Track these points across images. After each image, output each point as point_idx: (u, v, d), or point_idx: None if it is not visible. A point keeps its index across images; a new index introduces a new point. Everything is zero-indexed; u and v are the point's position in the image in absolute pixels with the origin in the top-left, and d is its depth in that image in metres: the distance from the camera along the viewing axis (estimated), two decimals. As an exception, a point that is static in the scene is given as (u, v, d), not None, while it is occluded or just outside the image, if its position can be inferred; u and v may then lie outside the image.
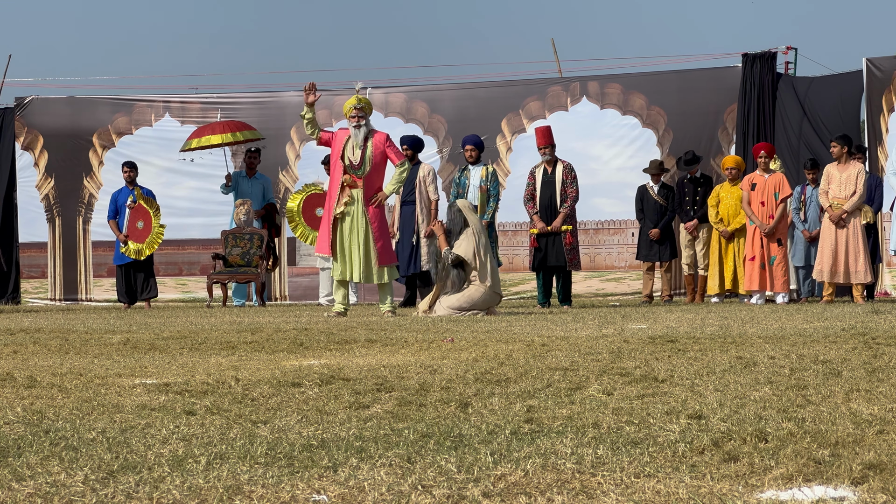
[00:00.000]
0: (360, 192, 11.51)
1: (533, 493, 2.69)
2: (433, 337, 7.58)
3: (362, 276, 11.53)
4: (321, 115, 17.27)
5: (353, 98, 11.62)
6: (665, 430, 3.46)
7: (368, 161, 11.49)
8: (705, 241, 14.71)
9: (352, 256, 11.53)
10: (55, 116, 17.89)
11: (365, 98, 11.70)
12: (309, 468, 2.98)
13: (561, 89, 16.82)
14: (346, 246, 11.55)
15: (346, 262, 11.56)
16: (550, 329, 8.35)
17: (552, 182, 13.85)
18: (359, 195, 11.52)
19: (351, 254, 11.54)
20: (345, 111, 11.63)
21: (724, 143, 16.18)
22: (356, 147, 11.46)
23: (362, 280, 11.59)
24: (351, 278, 11.60)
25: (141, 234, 15.66)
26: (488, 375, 5.04)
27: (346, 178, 11.48)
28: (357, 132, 11.48)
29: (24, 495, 2.71)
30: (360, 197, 11.53)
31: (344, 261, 11.56)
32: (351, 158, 11.47)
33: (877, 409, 3.83)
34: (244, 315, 12.09)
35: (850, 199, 13.39)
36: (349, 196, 11.50)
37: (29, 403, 4.38)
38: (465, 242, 11.17)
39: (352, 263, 11.53)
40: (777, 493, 2.65)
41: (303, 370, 5.42)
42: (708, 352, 6.07)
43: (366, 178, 11.51)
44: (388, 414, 3.96)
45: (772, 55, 16.01)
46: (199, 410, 4.11)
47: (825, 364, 5.30)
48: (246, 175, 16.10)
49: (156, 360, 6.18)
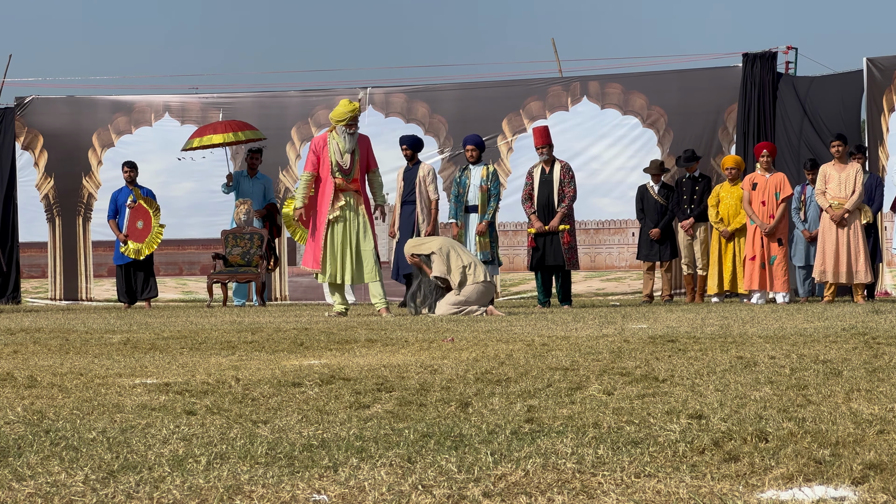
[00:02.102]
0: (352, 194, 11.60)
1: (533, 493, 2.68)
2: (433, 337, 7.58)
3: (353, 278, 11.63)
4: (321, 115, 17.29)
5: (354, 105, 11.65)
6: (665, 429, 3.46)
7: (357, 164, 11.64)
8: (704, 241, 14.71)
9: (343, 259, 11.61)
10: (55, 116, 17.89)
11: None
12: (309, 468, 2.98)
13: (561, 89, 16.82)
14: (336, 249, 11.62)
15: (336, 264, 11.62)
16: (551, 329, 8.35)
17: (550, 182, 13.85)
18: (352, 198, 11.60)
19: (343, 256, 11.61)
20: (341, 116, 11.60)
21: (724, 142, 16.17)
22: (344, 152, 11.53)
23: (353, 282, 11.70)
24: (342, 280, 11.67)
25: (141, 233, 15.66)
26: (489, 375, 5.04)
27: (339, 182, 11.54)
28: (351, 138, 11.57)
29: (24, 495, 2.71)
30: (354, 199, 11.61)
31: (335, 263, 11.62)
32: (340, 163, 11.55)
33: (877, 409, 3.83)
34: (244, 315, 12.10)
35: (850, 199, 13.38)
36: (344, 200, 11.57)
37: (29, 403, 4.38)
38: (437, 264, 11.34)
39: (343, 266, 11.61)
40: (777, 492, 2.64)
41: (303, 370, 5.42)
42: (708, 351, 6.07)
43: (358, 181, 11.65)
44: (389, 414, 3.96)
45: (772, 55, 16.00)
46: (200, 410, 4.11)
47: (826, 364, 5.30)
48: (247, 175, 16.10)
49: (156, 360, 6.18)
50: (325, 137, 11.70)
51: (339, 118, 11.61)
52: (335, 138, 11.63)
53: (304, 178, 11.73)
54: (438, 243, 11.52)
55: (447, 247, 11.44)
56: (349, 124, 11.57)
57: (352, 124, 11.58)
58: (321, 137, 11.76)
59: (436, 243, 11.53)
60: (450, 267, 11.32)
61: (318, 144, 11.69)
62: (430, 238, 11.79)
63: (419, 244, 11.65)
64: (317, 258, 11.66)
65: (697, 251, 14.75)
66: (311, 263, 11.76)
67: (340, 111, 11.62)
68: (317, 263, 11.66)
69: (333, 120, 11.70)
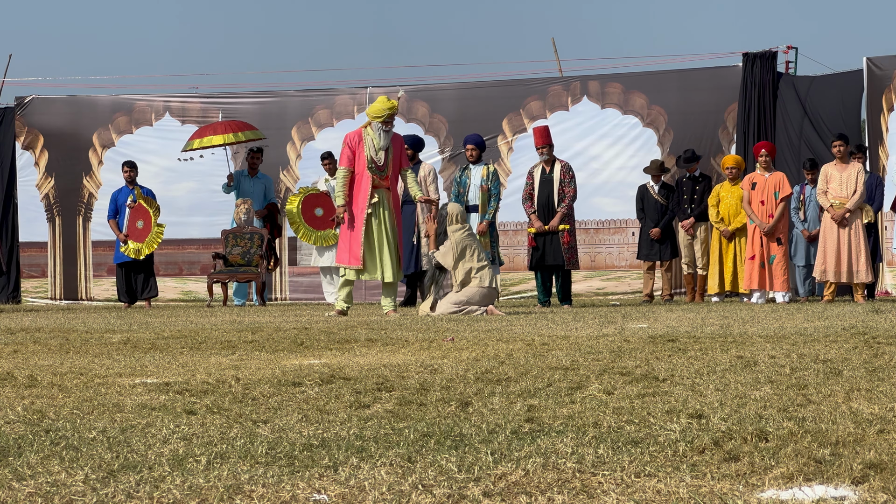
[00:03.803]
0: (385, 192, 11.51)
1: (533, 493, 2.68)
2: (434, 336, 7.58)
3: (394, 276, 11.47)
4: (322, 115, 17.29)
5: (392, 102, 11.46)
6: (665, 429, 3.46)
7: (391, 162, 11.49)
8: (704, 241, 14.71)
9: (382, 257, 11.43)
10: (55, 116, 17.90)
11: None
12: (309, 467, 2.98)
13: (561, 89, 16.82)
14: (375, 247, 11.44)
15: (376, 263, 11.45)
16: (551, 328, 8.35)
17: (550, 181, 13.85)
18: (385, 195, 11.51)
19: (382, 254, 11.43)
20: (379, 113, 11.39)
21: (724, 142, 16.17)
22: (379, 149, 11.44)
23: (395, 279, 11.52)
24: (383, 279, 11.48)
25: (141, 233, 15.67)
26: (489, 375, 5.04)
27: (374, 178, 11.43)
28: (386, 135, 11.41)
29: (24, 494, 2.71)
30: (386, 197, 11.50)
31: (374, 262, 11.46)
32: (375, 160, 11.42)
33: (877, 409, 3.83)
34: (244, 314, 12.10)
35: (851, 198, 13.38)
36: (377, 197, 11.45)
37: (29, 403, 4.38)
38: (445, 252, 11.25)
39: (383, 264, 11.44)
40: (778, 492, 2.64)
41: (303, 369, 5.42)
42: (708, 351, 6.07)
43: (390, 178, 11.52)
44: (389, 413, 3.96)
45: (772, 54, 16.00)
46: (200, 410, 4.11)
47: (826, 363, 5.30)
48: (248, 174, 16.11)
49: (156, 360, 6.18)
50: (360, 133, 11.50)
51: (376, 114, 11.41)
52: (370, 134, 11.44)
53: (341, 174, 11.46)
54: (462, 235, 11.37)
55: (466, 243, 11.29)
56: (386, 121, 11.40)
57: (388, 121, 11.40)
58: (356, 133, 11.55)
59: (460, 234, 11.37)
60: (457, 263, 11.23)
61: (353, 140, 11.48)
62: (464, 226, 11.48)
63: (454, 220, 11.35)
64: (355, 254, 11.38)
65: (697, 251, 14.75)
66: (347, 260, 11.46)
67: (378, 108, 11.43)
68: (355, 259, 11.38)
69: (370, 115, 11.49)
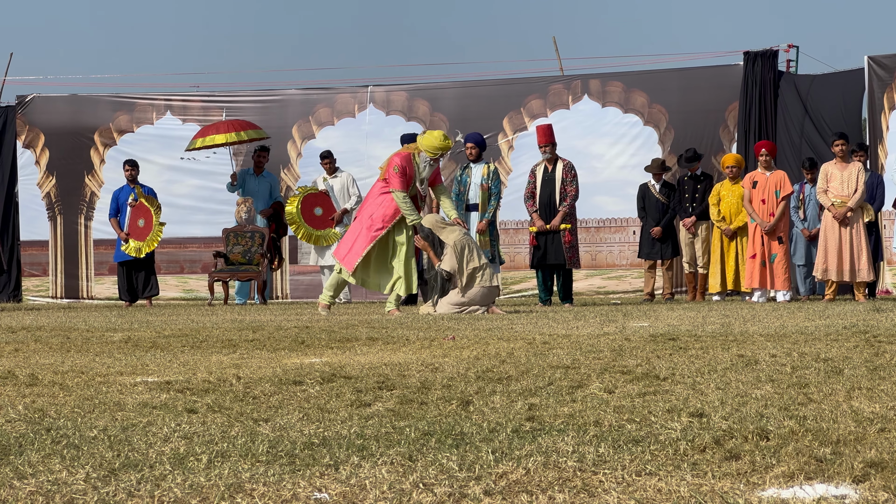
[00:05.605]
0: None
1: (534, 492, 2.69)
2: (434, 335, 7.58)
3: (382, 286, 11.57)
4: (323, 113, 17.30)
5: (449, 143, 11.43)
6: (666, 428, 3.46)
7: (421, 192, 11.66)
8: (705, 240, 14.71)
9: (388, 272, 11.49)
10: (56, 114, 17.90)
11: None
12: (310, 466, 2.98)
13: (562, 87, 16.82)
14: (387, 260, 11.50)
15: (379, 275, 11.52)
16: (552, 327, 8.35)
17: (552, 180, 13.85)
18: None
19: (389, 270, 11.48)
20: (433, 150, 11.36)
21: (725, 141, 16.17)
22: (422, 180, 11.52)
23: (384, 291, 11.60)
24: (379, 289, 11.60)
25: (142, 232, 15.67)
26: (490, 373, 5.04)
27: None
28: (430, 168, 11.47)
29: (25, 493, 2.71)
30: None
31: (378, 273, 11.51)
32: (420, 189, 11.56)
33: (878, 408, 3.83)
34: (245, 313, 12.10)
35: (852, 197, 13.38)
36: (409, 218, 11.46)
37: (30, 401, 4.38)
38: (449, 257, 11.27)
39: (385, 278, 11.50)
40: (778, 491, 2.64)
41: (304, 368, 5.43)
42: (709, 350, 6.07)
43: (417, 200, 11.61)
44: (390, 412, 3.96)
45: (773, 53, 16.00)
46: (201, 408, 4.11)
47: (827, 362, 5.30)
48: (253, 173, 16.12)
49: (157, 359, 6.18)
50: (409, 158, 11.44)
51: (429, 150, 11.38)
52: (417, 162, 11.45)
53: (404, 198, 11.32)
54: (457, 236, 11.37)
55: (463, 243, 11.31)
56: (437, 158, 11.47)
57: (437, 159, 11.48)
58: (407, 158, 11.44)
59: (455, 235, 11.37)
60: (461, 266, 11.24)
61: (406, 164, 11.41)
62: (452, 226, 11.53)
63: (441, 226, 11.44)
64: (350, 259, 11.43)
65: (699, 249, 14.75)
66: (342, 257, 11.51)
67: (434, 144, 11.36)
68: (349, 264, 11.41)
69: (423, 147, 11.40)
